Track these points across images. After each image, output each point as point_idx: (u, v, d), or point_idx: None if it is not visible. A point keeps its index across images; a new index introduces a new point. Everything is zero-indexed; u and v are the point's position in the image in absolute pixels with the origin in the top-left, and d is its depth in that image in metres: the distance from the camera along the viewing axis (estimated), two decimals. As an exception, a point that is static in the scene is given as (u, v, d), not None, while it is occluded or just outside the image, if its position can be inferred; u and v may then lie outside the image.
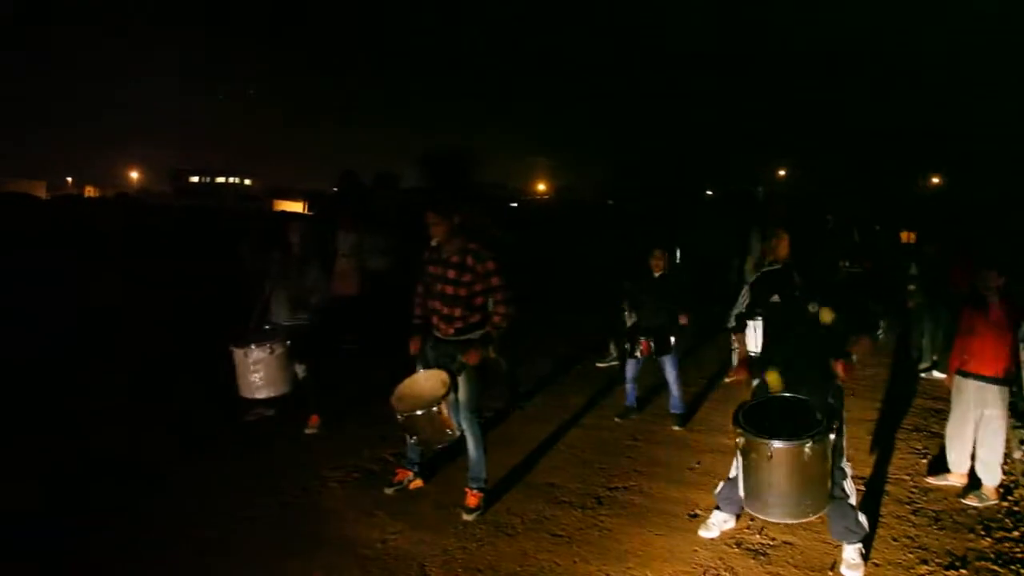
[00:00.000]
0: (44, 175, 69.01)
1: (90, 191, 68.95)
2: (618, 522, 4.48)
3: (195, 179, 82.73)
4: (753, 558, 4.04)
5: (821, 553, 4.07)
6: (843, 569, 3.82)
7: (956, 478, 4.93)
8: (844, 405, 3.86)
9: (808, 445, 3.33)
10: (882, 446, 5.82)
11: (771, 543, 4.20)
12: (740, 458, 3.58)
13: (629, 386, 6.52)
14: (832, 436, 3.44)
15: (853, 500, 3.77)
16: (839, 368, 3.70)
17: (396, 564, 3.96)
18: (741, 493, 3.61)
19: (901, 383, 7.78)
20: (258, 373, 5.59)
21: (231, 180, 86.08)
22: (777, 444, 3.36)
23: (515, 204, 46.58)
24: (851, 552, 3.84)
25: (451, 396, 4.45)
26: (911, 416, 6.65)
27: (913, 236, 12.31)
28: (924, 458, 5.57)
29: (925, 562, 3.99)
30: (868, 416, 6.56)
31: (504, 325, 4.50)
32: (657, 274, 6.29)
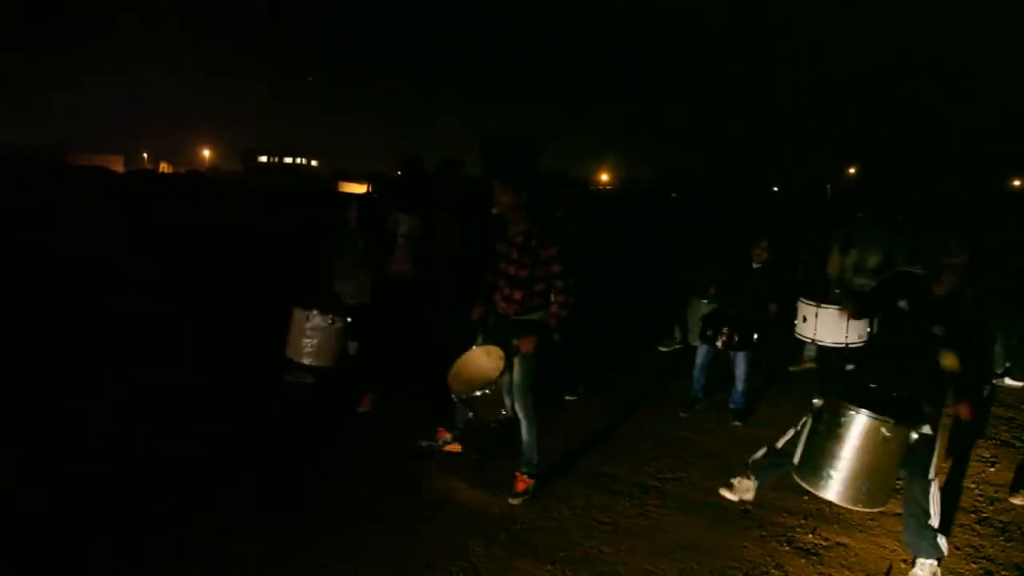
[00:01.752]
0: (121, 151, 71.51)
1: (164, 167, 71.19)
2: (666, 513, 4.43)
3: (264, 159, 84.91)
4: (804, 557, 3.93)
5: (876, 557, 3.94)
6: None
7: None
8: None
9: (889, 426, 3.23)
10: (949, 454, 5.59)
11: (824, 543, 4.08)
12: (809, 422, 3.52)
13: (698, 373, 6.31)
14: (914, 435, 3.33)
15: (936, 520, 3.60)
16: (960, 409, 3.54)
17: (440, 545, 3.99)
18: (797, 458, 3.53)
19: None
20: (312, 340, 5.65)
21: (299, 160, 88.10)
22: (854, 411, 3.29)
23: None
24: (922, 569, 3.68)
25: (506, 376, 4.46)
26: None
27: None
28: (992, 467, 5.34)
29: (989, 573, 3.82)
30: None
31: (563, 315, 4.47)
32: (756, 265, 6.13)
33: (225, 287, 10.56)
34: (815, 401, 3.49)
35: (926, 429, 3.46)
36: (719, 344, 5.97)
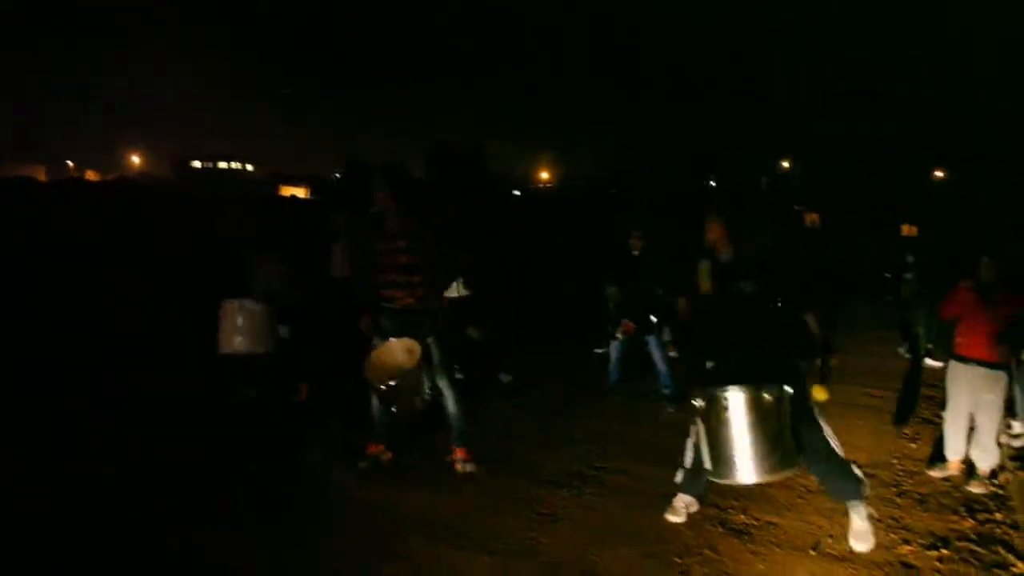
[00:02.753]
0: (45, 160, 68.83)
1: (91, 175, 68.79)
2: (604, 502, 4.49)
3: (197, 164, 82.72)
4: (736, 537, 4.04)
5: (804, 532, 4.07)
6: (851, 540, 3.83)
7: (955, 467, 4.89)
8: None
9: (764, 392, 3.38)
10: (872, 431, 5.82)
11: (755, 523, 4.20)
12: (701, 425, 3.62)
13: (612, 366, 6.62)
14: (789, 388, 3.48)
15: (840, 452, 3.76)
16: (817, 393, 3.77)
17: (378, 544, 3.95)
18: (708, 464, 3.62)
19: (895, 370, 7.77)
20: (242, 325, 5.67)
21: (233, 165, 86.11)
22: (730, 391, 3.42)
23: (518, 192, 46.58)
24: (858, 518, 3.82)
25: (422, 363, 4.51)
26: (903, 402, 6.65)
27: (915, 230, 12.21)
28: (913, 442, 5.58)
29: (908, 542, 3.98)
30: (860, 401, 6.57)
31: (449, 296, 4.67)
32: (635, 253, 6.39)
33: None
34: (696, 403, 3.61)
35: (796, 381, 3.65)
36: (619, 335, 6.21)
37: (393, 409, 4.71)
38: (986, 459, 4.73)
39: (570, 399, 6.58)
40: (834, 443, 3.77)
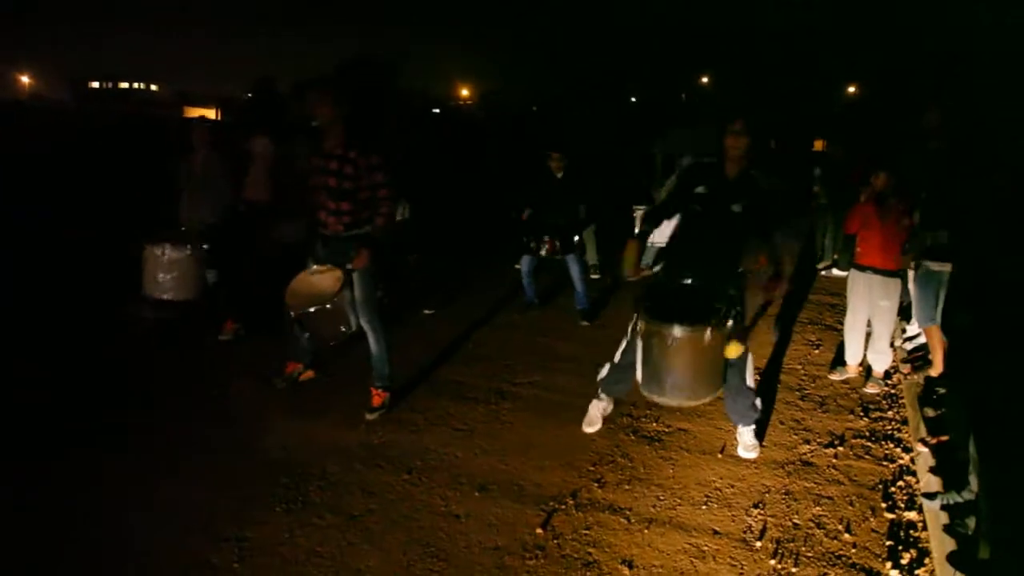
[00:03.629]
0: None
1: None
2: (521, 416, 4.55)
3: (96, 85, 77.72)
4: (648, 444, 4.17)
5: (712, 438, 4.24)
6: (740, 450, 4.00)
7: (854, 370, 5.15)
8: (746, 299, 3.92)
9: (708, 331, 3.39)
10: (779, 338, 6.05)
11: (666, 430, 4.34)
12: (640, 342, 3.62)
13: (526, 281, 6.65)
14: (731, 323, 3.50)
15: (751, 382, 3.88)
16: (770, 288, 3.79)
17: (298, 469, 3.90)
18: (639, 376, 3.67)
19: (801, 280, 8.07)
20: (170, 274, 5.46)
21: (136, 86, 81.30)
22: (679, 331, 3.40)
23: (437, 111, 45.41)
24: (747, 434, 3.99)
25: (346, 293, 4.36)
26: (808, 310, 6.96)
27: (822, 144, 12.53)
28: (817, 348, 5.84)
29: (808, 442, 4.20)
30: (768, 311, 6.79)
31: (388, 216, 4.40)
32: (559, 175, 6.39)
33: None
34: (639, 325, 3.63)
35: (735, 312, 3.68)
36: (543, 252, 6.25)
37: (306, 335, 4.61)
38: (881, 361, 4.99)
39: (490, 316, 6.58)
40: (750, 373, 3.87)
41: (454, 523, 3.40)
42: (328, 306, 4.26)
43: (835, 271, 8.39)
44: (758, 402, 3.96)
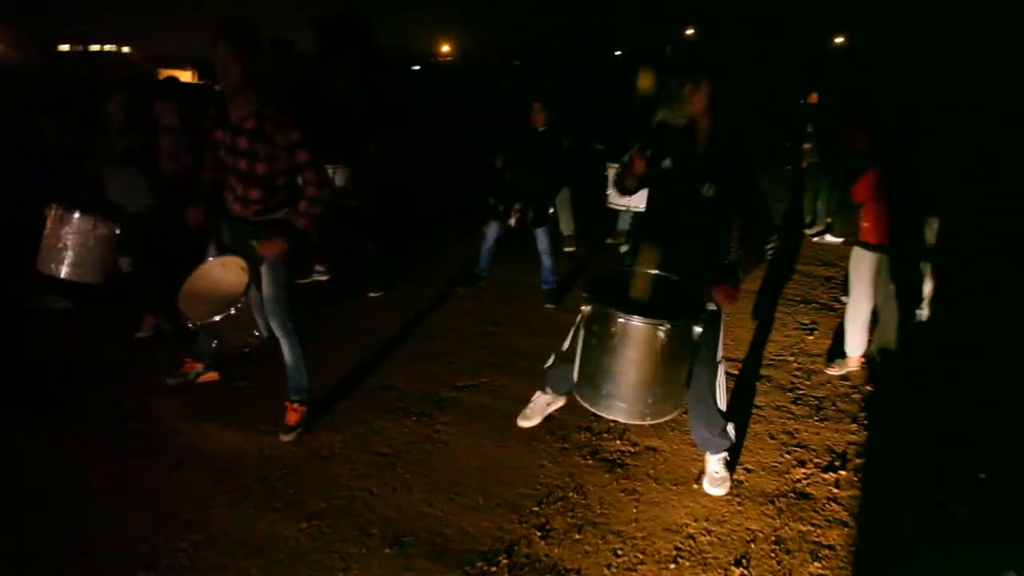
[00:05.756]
0: None
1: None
2: (457, 433, 3.77)
3: (66, 47, 74.95)
4: (608, 471, 3.40)
5: (688, 459, 3.47)
6: (705, 483, 3.23)
7: (855, 363, 4.37)
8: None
9: (664, 328, 2.59)
10: (764, 321, 5.27)
11: (631, 450, 3.57)
12: (582, 330, 2.85)
13: (484, 250, 5.74)
14: (698, 328, 2.71)
15: (722, 403, 3.11)
16: (720, 295, 2.89)
17: (173, 503, 3.14)
18: (574, 375, 2.90)
19: (789, 249, 7.24)
20: (71, 248, 4.50)
21: (107, 48, 78.49)
22: (623, 319, 2.62)
23: (417, 67, 43.89)
24: (714, 464, 3.23)
25: (253, 291, 3.55)
26: (797, 284, 6.13)
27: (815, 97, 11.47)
28: (811, 333, 5.06)
29: (802, 463, 3.44)
30: (749, 286, 5.95)
31: (314, 212, 3.53)
32: (540, 129, 5.48)
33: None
34: (583, 308, 2.83)
35: (711, 307, 2.91)
36: (512, 222, 5.35)
37: (214, 344, 3.80)
38: (888, 352, 4.22)
39: (442, 300, 5.76)
40: (721, 392, 3.10)
41: (349, 598, 2.65)
42: (233, 311, 3.45)
43: (828, 237, 7.59)
44: (730, 429, 3.17)
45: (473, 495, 3.22)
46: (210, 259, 3.71)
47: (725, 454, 3.23)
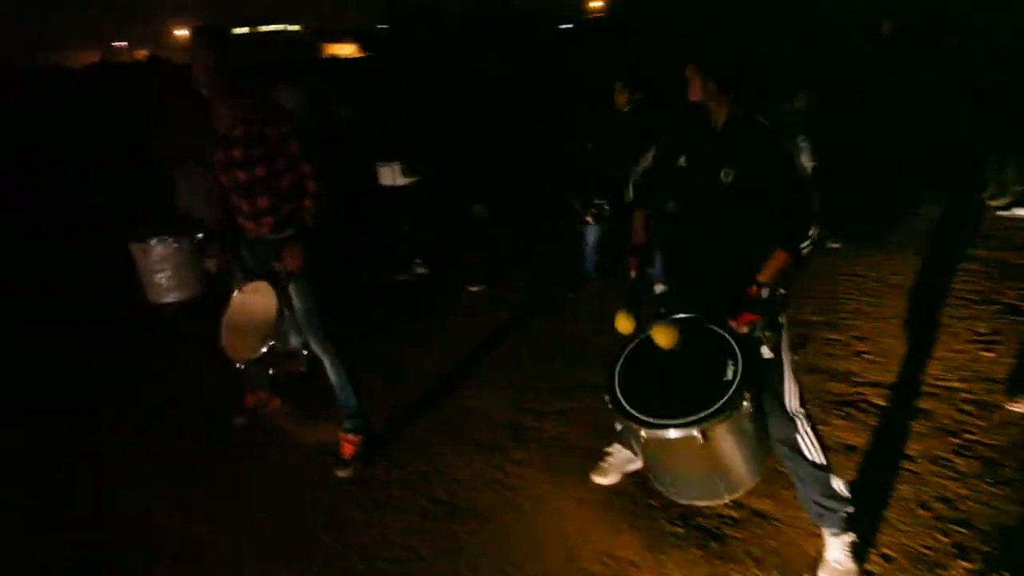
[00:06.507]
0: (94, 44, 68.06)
1: (140, 55, 67.91)
2: (527, 476, 3.25)
3: (239, 31, 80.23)
4: (700, 545, 2.71)
5: (804, 535, 2.68)
6: (820, 574, 2.47)
7: None
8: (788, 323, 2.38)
9: (698, 430, 2.01)
10: (923, 328, 4.22)
11: (734, 515, 2.86)
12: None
13: (589, 251, 5.27)
14: (746, 403, 2.06)
15: (816, 455, 2.38)
16: (739, 322, 2.22)
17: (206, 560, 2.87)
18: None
19: (958, 226, 5.91)
20: (164, 272, 4.72)
21: (276, 28, 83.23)
22: (646, 434, 2.08)
23: (570, 25, 42.57)
24: (836, 548, 2.45)
25: (286, 313, 3.26)
26: (975, 277, 4.89)
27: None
28: (991, 349, 3.95)
29: (963, 553, 2.56)
30: (897, 280, 4.88)
31: (316, 208, 3.24)
32: (625, 109, 4.79)
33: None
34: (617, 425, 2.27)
35: (767, 354, 2.26)
36: (589, 219, 4.75)
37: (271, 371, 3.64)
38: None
39: (548, 296, 5.26)
40: (810, 444, 2.36)
41: None
42: (275, 343, 3.21)
43: (1017, 211, 6.21)
44: (837, 485, 2.41)
45: (524, 567, 2.68)
46: (239, 292, 3.43)
47: (851, 535, 2.46)
